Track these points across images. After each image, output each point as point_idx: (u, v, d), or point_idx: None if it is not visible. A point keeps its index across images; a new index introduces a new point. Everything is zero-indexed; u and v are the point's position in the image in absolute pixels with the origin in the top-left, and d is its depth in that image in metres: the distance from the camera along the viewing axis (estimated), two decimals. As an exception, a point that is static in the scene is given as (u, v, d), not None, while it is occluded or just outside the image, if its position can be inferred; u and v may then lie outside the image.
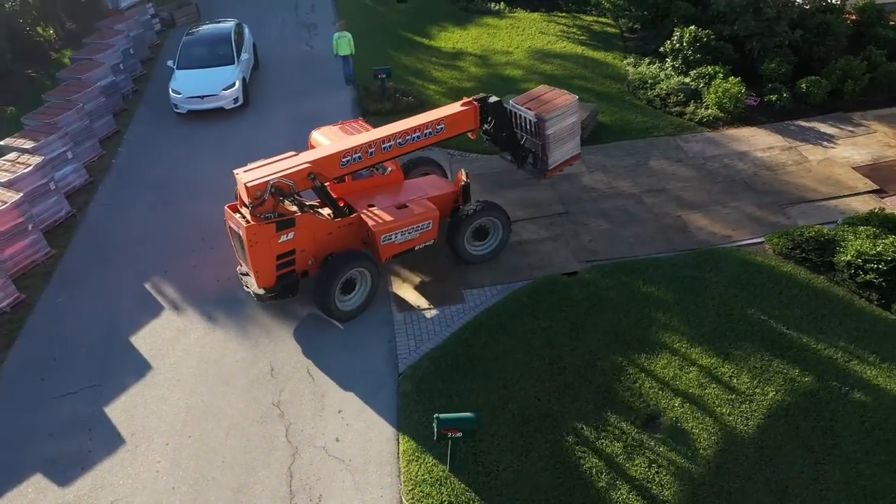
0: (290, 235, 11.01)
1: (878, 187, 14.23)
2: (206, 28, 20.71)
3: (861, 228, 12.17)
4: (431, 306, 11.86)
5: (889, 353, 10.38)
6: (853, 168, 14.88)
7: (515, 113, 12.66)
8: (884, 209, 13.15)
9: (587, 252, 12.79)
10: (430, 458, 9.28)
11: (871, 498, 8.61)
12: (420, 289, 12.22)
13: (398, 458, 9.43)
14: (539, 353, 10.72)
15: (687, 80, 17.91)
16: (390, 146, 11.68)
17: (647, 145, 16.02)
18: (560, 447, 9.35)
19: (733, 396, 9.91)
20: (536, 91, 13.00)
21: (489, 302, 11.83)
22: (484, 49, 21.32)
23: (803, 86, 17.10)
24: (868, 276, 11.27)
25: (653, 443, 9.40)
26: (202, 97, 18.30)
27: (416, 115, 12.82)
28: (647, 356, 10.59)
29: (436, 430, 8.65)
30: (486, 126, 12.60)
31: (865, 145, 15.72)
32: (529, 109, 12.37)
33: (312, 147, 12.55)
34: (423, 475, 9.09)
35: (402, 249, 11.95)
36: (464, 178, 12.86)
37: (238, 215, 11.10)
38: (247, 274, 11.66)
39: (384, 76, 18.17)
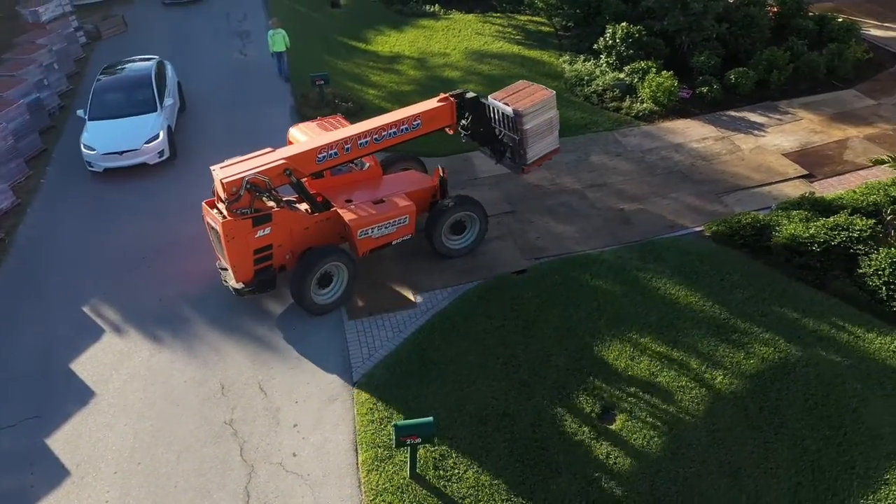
0: (267, 230, 11.09)
1: (807, 172, 14.80)
2: (122, 70, 18.00)
3: (794, 213, 12.62)
4: (383, 312, 11.76)
5: (826, 331, 10.79)
6: (783, 155, 15.43)
7: (493, 108, 12.72)
8: (814, 193, 13.67)
9: (535, 249, 12.91)
10: (391, 467, 9.20)
11: (818, 472, 8.92)
12: (371, 295, 12.11)
13: (358, 468, 9.31)
14: (493, 352, 10.76)
15: (621, 75, 18.28)
16: (367, 142, 11.76)
17: (586, 141, 16.28)
18: (519, 445, 9.39)
19: (683, 383, 10.13)
20: (514, 86, 13.08)
21: (440, 304, 11.81)
22: (421, 51, 21.31)
23: (732, 77, 17.66)
24: (803, 258, 11.69)
25: (609, 434, 9.53)
26: (121, 153, 15.80)
27: (383, 114, 12.81)
28: (599, 349, 10.74)
29: (394, 437, 8.58)
30: (463, 121, 12.65)
31: (793, 132, 16.32)
32: (507, 104, 12.42)
33: (290, 143, 12.53)
34: (383, 484, 9.00)
35: (380, 244, 11.99)
36: (441, 173, 12.89)
37: (215, 211, 11.18)
38: (225, 269, 11.69)
39: (322, 82, 17.96)
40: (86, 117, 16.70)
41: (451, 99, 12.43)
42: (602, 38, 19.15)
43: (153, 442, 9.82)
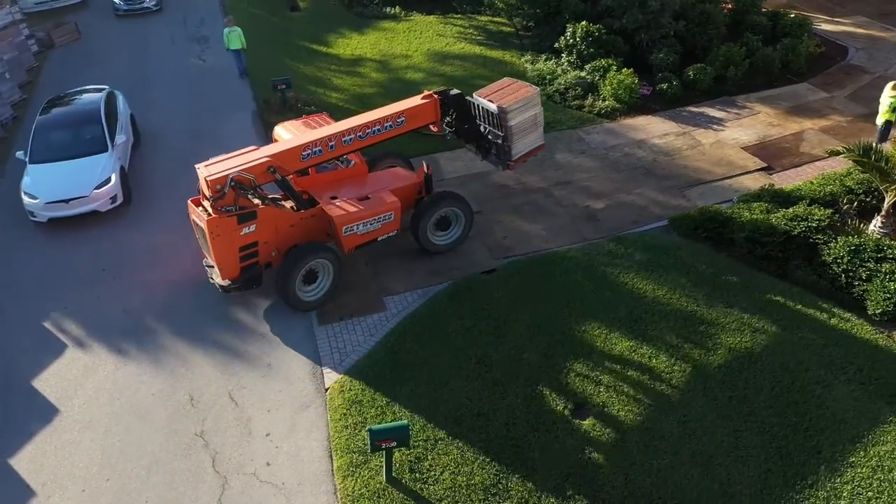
0: (252, 228, 11.13)
1: (765, 165, 15.13)
2: (67, 103, 16.07)
3: (755, 205, 12.87)
4: (353, 317, 11.69)
5: (790, 319, 11.03)
6: (742, 148, 15.75)
7: (478, 105, 12.81)
8: (773, 185, 13.98)
9: (503, 249, 12.96)
10: (366, 472, 9.14)
11: (786, 458, 9.10)
12: (341, 300, 12.02)
13: (333, 475, 9.23)
14: (465, 353, 10.76)
15: (583, 73, 18.47)
16: (351, 139, 11.78)
17: (551, 139, 16.36)
18: (494, 445, 9.41)
19: (654, 376, 10.26)
20: (499, 84, 13.17)
21: (411, 307, 11.78)
22: (383, 54, 21.25)
23: (690, 73, 17.97)
24: (765, 249, 11.93)
25: (583, 429, 9.61)
26: (67, 201, 13.86)
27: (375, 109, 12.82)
28: (570, 345, 10.81)
29: (369, 442, 8.53)
30: (447, 118, 12.68)
31: (751, 126, 16.67)
32: (492, 101, 12.51)
33: (276, 141, 12.51)
34: (360, 489, 8.93)
35: (365, 240, 12.06)
36: (426, 170, 12.95)
37: (200, 209, 11.26)
38: (212, 266, 11.71)
39: (284, 87, 17.80)
40: (26, 160, 14.65)
41: (435, 96, 12.47)
42: (562, 37, 19.32)
43: (121, 457, 9.60)
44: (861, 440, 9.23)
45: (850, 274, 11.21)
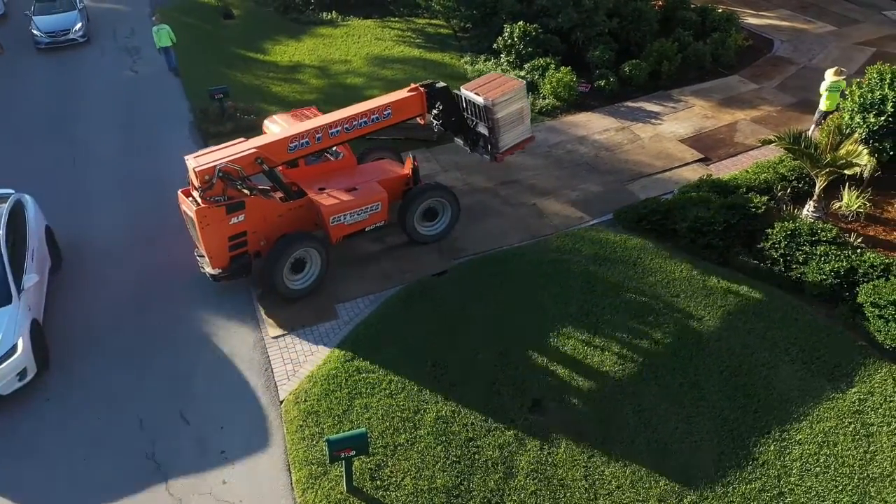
0: (241, 217, 11.30)
1: (703, 156, 15.56)
2: None
3: (694, 195, 13.21)
4: (305, 326, 11.51)
5: (734, 305, 11.36)
6: (679, 141, 16.17)
7: (465, 98, 13.10)
8: (711, 175, 14.39)
9: (454, 250, 12.97)
10: (326, 483, 9.00)
11: (738, 440, 9.37)
12: (291, 310, 11.82)
13: (292, 488, 9.06)
14: (420, 356, 10.72)
15: (522, 73, 18.64)
16: (338, 131, 12.01)
17: (494, 139, 16.49)
18: (454, 447, 9.40)
19: (607, 368, 10.43)
20: (485, 77, 13.50)
21: (364, 313, 11.68)
22: (322, 60, 21.03)
23: (626, 69, 18.35)
24: (707, 238, 12.26)
25: (541, 425, 9.68)
26: None
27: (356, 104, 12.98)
28: (524, 343, 10.89)
29: (328, 452, 8.41)
30: (434, 111, 12.91)
31: (687, 119, 17.13)
32: (478, 94, 12.73)
33: (265, 133, 12.77)
34: (320, 501, 8.80)
35: (353, 230, 12.29)
36: (413, 162, 13.21)
37: (190, 199, 11.44)
38: (203, 256, 11.86)
39: (221, 96, 17.41)
40: None
41: (421, 89, 12.71)
42: (501, 38, 19.49)
43: (69, 490, 9.20)
44: (807, 418, 9.57)
45: (788, 258, 11.61)
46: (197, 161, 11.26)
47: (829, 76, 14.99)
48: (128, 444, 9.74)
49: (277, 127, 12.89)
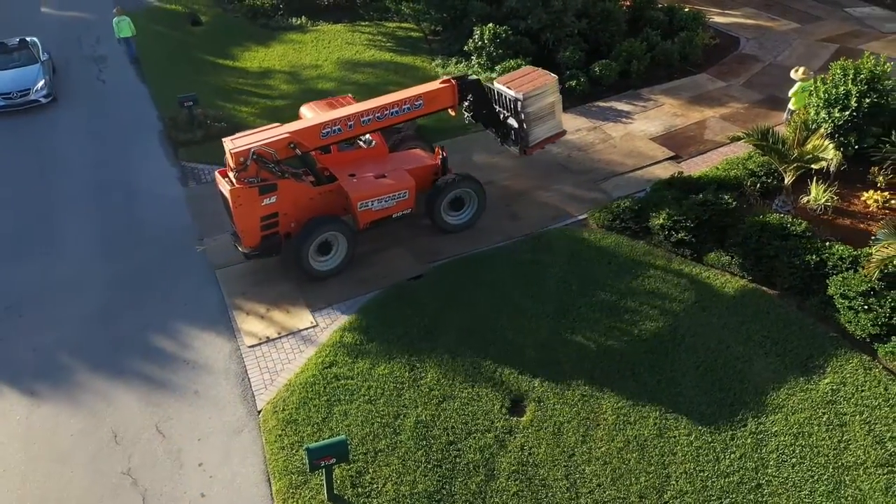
0: (273, 199, 11.75)
1: (673, 154, 15.72)
2: None
3: (667, 192, 13.34)
4: (281, 334, 11.41)
5: (708, 301, 11.49)
6: (650, 139, 16.32)
7: (497, 91, 13.28)
8: (682, 172, 14.55)
9: (429, 253, 12.95)
10: (307, 492, 8.92)
11: (715, 434, 9.47)
12: (267, 318, 11.71)
13: (272, 499, 8.97)
14: (398, 361, 10.68)
15: (493, 75, 18.67)
16: (369, 120, 12.35)
17: (467, 141, 16.51)
18: (434, 451, 9.37)
19: (585, 366, 10.48)
20: (519, 72, 13.78)
21: (340, 319, 11.61)
22: (292, 65, 20.89)
23: (596, 70, 18.48)
24: (680, 235, 12.38)
25: (521, 426, 9.70)
26: None
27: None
28: (502, 344, 10.91)
29: (307, 461, 8.34)
30: (465, 103, 13.19)
31: (657, 117, 17.30)
32: (510, 88, 12.92)
33: (300, 119, 13.22)
34: (301, 511, 8.72)
35: (380, 216, 12.63)
36: (441, 152, 13.47)
37: (225, 180, 11.88)
38: (236, 234, 12.27)
39: (191, 103, 17.20)
40: None
41: (453, 81, 12.96)
42: (471, 40, 19.51)
43: (42, 506, 9.03)
44: (782, 409, 9.71)
45: (759, 252, 11.76)
46: (233, 143, 11.69)
47: (795, 76, 15.25)
48: (102, 458, 9.56)
49: (312, 113, 13.29)
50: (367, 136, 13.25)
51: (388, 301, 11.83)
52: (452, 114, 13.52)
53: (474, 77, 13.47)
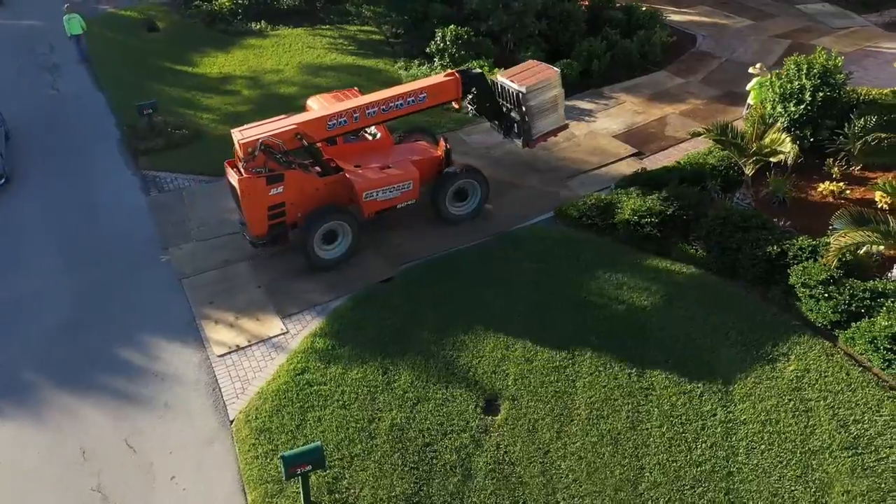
0: (280, 189, 12.02)
1: (636, 150, 15.97)
2: None
3: (631, 189, 13.55)
4: (251, 342, 11.29)
5: (674, 293, 11.69)
6: (613, 136, 16.55)
7: (500, 85, 13.52)
8: (645, 168, 14.77)
9: (399, 255, 12.93)
10: (283, 501, 8.85)
11: (686, 424, 9.63)
12: (236, 327, 11.58)
13: (248, 509, 8.87)
14: (372, 365, 10.65)
15: (457, 76, 18.74)
16: (374, 112, 12.59)
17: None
18: (410, 454, 9.36)
19: (557, 363, 10.57)
20: (522, 65, 13.87)
21: (311, 325, 11.53)
22: (253, 70, 20.68)
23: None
24: (645, 230, 12.57)
25: (496, 425, 9.74)
26: None
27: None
28: (475, 344, 10.95)
29: (283, 469, 8.26)
30: (469, 96, 13.52)
31: (618, 115, 17.55)
32: (513, 82, 13.11)
33: (307, 111, 13.47)
34: (278, 520, 8.64)
35: (384, 206, 12.95)
36: (445, 145, 13.75)
37: (234, 170, 12.14)
38: (244, 224, 12.53)
39: (150, 111, 16.92)
40: None
41: (457, 74, 13.23)
42: (433, 42, 19.56)
43: (9, 527, 8.79)
44: (749, 398, 9.92)
45: (722, 245, 12.00)
46: (242, 134, 11.95)
47: (753, 72, 15.61)
48: (71, 476, 9.34)
49: (319, 106, 13.55)
50: (372, 128, 13.52)
51: (359, 305, 11.79)
52: (456, 107, 13.89)
53: (478, 70, 13.78)
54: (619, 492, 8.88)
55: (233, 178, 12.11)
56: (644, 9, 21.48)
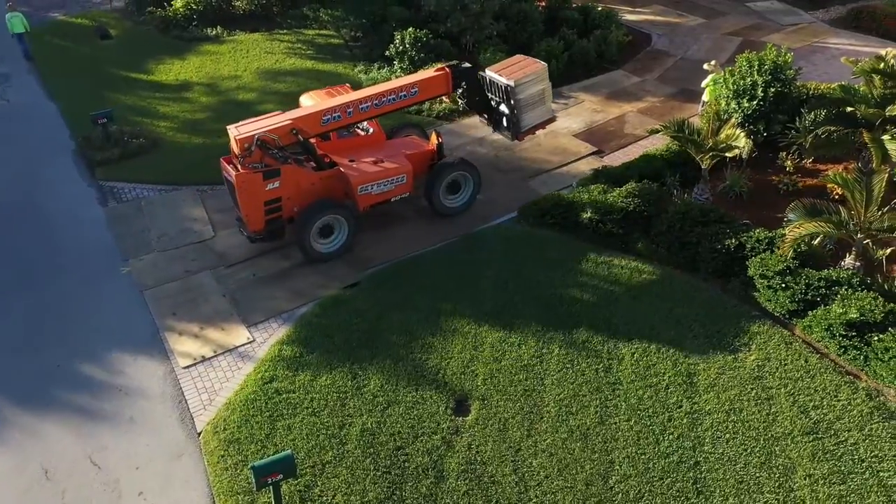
0: (276, 184, 12.16)
1: (596, 149, 16.19)
2: None
3: (592, 187, 13.72)
4: (217, 352, 11.14)
5: (638, 289, 11.89)
6: (573, 135, 16.75)
7: (489, 79, 13.75)
8: (606, 167, 14.98)
9: (363, 260, 12.90)
10: (255, 511, 8.75)
11: (654, 418, 9.79)
12: (201, 337, 11.41)
13: (219, 522, 8.75)
14: (340, 370, 10.60)
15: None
16: (367, 107, 12.84)
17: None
18: (382, 458, 9.34)
19: (526, 361, 10.66)
20: (510, 60, 14.11)
21: (278, 333, 11.43)
22: (210, 77, 20.41)
23: (517, 70, 18.80)
24: (607, 227, 12.75)
25: (467, 425, 9.78)
26: None
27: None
28: (444, 345, 10.97)
29: (254, 480, 8.17)
30: (459, 90, 13.84)
31: (578, 114, 17.76)
32: (502, 76, 13.37)
33: (300, 108, 13.66)
34: (250, 531, 8.54)
35: (379, 200, 13.20)
36: (437, 138, 13.98)
37: (230, 166, 12.22)
38: (241, 219, 12.65)
39: (105, 120, 16.55)
40: None
41: (447, 69, 13.50)
42: (392, 45, 19.54)
43: (-30, 553, 8.53)
44: (713, 388, 10.14)
45: (682, 240, 12.24)
46: (238, 130, 12.09)
47: (708, 68, 15.97)
48: (33, 496, 9.10)
49: (312, 102, 13.73)
50: (365, 123, 13.72)
51: (325, 311, 11.73)
52: (447, 100, 14.07)
53: (467, 65, 14.06)
54: (590, 486, 8.99)
55: (230, 174, 12.17)
56: (600, 9, 21.78)
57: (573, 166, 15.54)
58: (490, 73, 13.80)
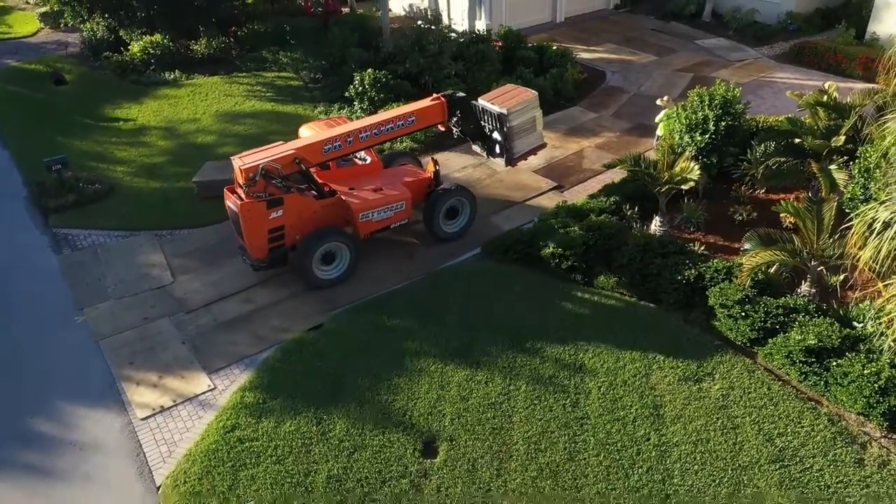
0: (280, 213, 12.43)
1: (556, 184, 16.39)
2: None
3: (553, 221, 13.86)
4: (176, 401, 10.83)
5: (603, 322, 11.95)
6: (534, 171, 16.94)
7: (482, 108, 14.07)
8: (566, 201, 15.16)
9: (327, 301, 12.75)
10: (217, 567, 8.42)
11: (622, 451, 9.76)
12: (160, 387, 11.09)
13: (180, 580, 8.40)
14: (305, 415, 10.38)
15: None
16: (367, 136, 13.18)
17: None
18: (350, 504, 9.13)
19: (493, 399, 10.58)
20: (501, 89, 14.50)
21: (240, 379, 11.17)
22: (168, 120, 20.25)
23: (476, 108, 19.05)
24: (569, 262, 12.85)
25: (435, 468, 9.62)
26: None
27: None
28: (409, 387, 10.84)
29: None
30: (454, 119, 14.26)
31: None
32: (494, 104, 13.74)
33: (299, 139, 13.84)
34: (213, 589, 8.21)
35: (379, 227, 13.50)
36: (434, 166, 14.40)
37: (234, 196, 12.42)
38: (244, 247, 12.84)
39: (60, 166, 16.24)
40: None
41: (442, 98, 13.95)
42: (352, 86, 19.68)
43: None
44: (680, 419, 10.17)
45: (643, 272, 12.39)
46: (242, 160, 12.27)
47: (661, 104, 16.39)
48: (-19, 564, 8.65)
49: (312, 132, 14.01)
50: (363, 153, 14.12)
51: (288, 355, 11.52)
52: (442, 129, 14.53)
53: (461, 94, 14.44)
54: (561, 525, 8.87)
55: (234, 203, 12.36)
56: (555, 48, 22.28)
57: (535, 201, 15.70)
58: (483, 101, 14.16)
